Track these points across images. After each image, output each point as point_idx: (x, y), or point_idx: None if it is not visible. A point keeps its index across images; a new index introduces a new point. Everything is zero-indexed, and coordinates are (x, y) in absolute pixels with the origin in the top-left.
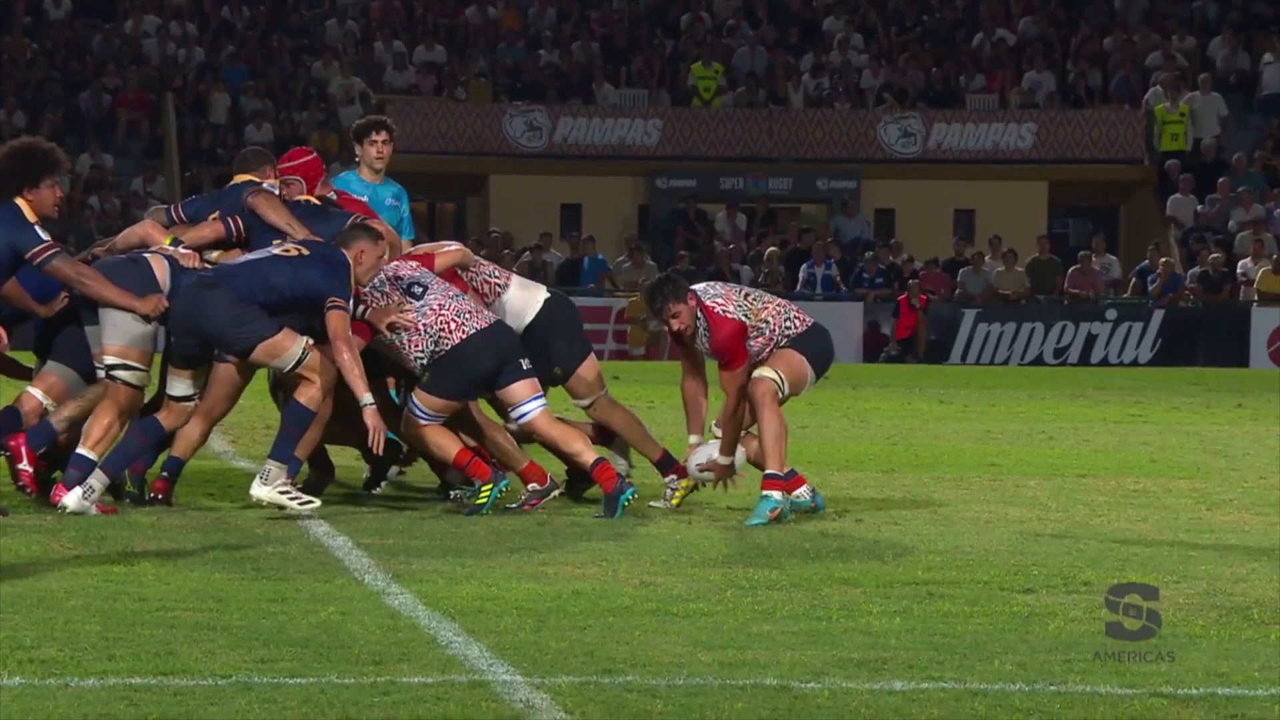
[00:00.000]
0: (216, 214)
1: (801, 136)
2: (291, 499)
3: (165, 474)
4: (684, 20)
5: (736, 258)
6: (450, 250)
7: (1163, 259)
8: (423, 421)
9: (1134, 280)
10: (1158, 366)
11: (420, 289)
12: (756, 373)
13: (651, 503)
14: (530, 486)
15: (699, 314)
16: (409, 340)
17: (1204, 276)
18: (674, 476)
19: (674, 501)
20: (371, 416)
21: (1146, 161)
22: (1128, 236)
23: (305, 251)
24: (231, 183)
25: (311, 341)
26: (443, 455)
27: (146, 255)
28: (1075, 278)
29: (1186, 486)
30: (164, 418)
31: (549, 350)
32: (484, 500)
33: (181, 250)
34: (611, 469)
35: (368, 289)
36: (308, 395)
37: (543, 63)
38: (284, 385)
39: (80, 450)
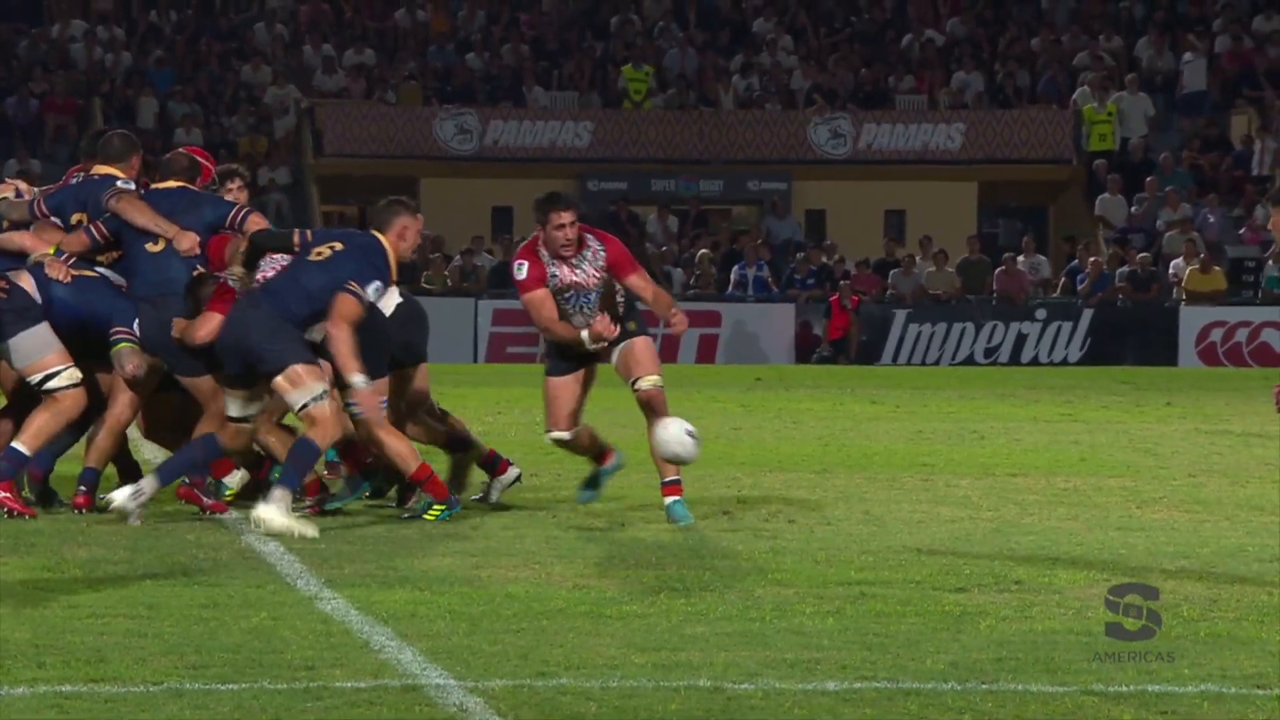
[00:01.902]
0: (79, 217)
1: (732, 138)
2: (291, 523)
3: (83, 488)
4: (614, 22)
5: (669, 259)
6: None
7: (1091, 258)
8: (359, 415)
9: (1063, 280)
10: (1087, 365)
11: None
12: (648, 382)
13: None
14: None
15: (585, 235)
16: None
17: (1132, 276)
18: (505, 475)
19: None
20: (364, 397)
21: (1075, 161)
22: (1057, 236)
23: (339, 246)
24: (92, 174)
25: (334, 388)
26: (403, 465)
27: (10, 274)
28: (1001, 279)
29: (1116, 485)
30: (223, 436)
31: (388, 342)
32: (432, 517)
33: (50, 259)
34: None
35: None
36: (319, 434)
37: (473, 65)
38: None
39: (14, 444)
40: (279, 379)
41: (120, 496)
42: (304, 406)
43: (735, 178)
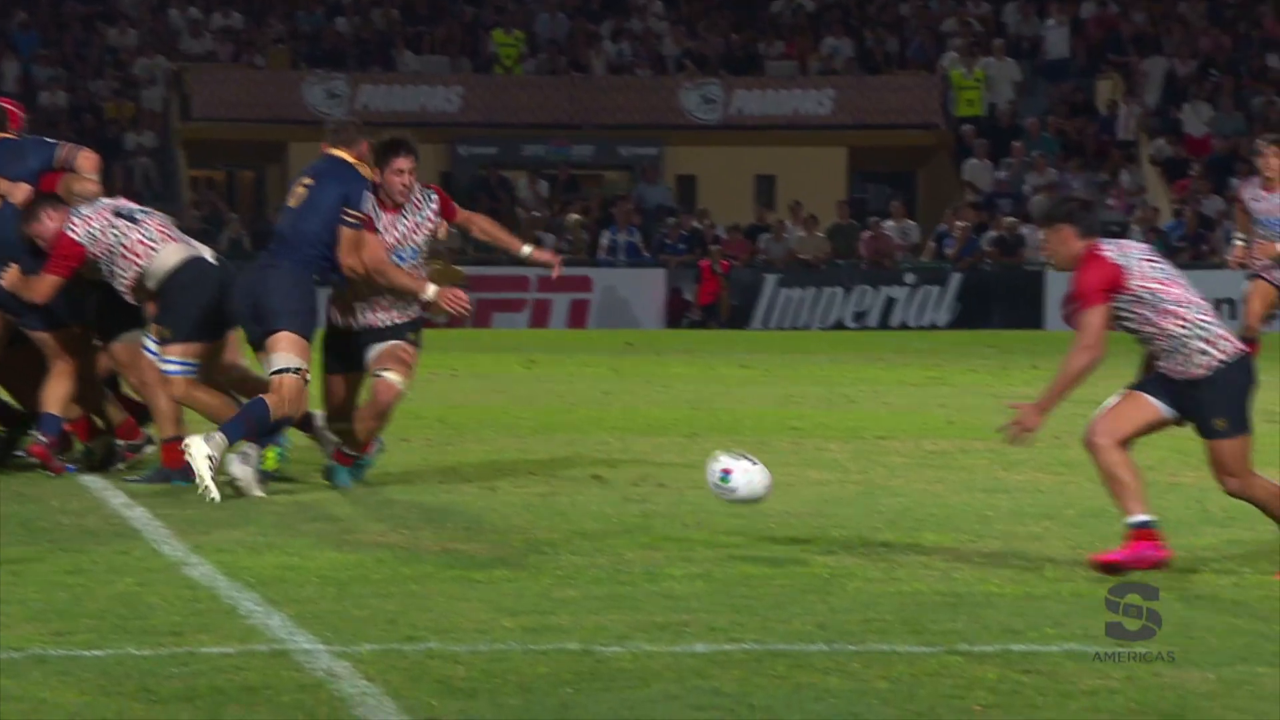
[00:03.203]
0: None
1: (603, 103)
2: (210, 471)
3: None
4: None
5: (540, 225)
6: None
7: (959, 223)
8: (175, 374)
9: (932, 244)
10: (955, 329)
11: (142, 214)
12: (395, 376)
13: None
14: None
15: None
16: (119, 262)
17: (1000, 240)
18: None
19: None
20: (443, 297)
21: (943, 126)
22: (926, 201)
23: (310, 181)
24: None
25: (306, 370)
26: (214, 417)
27: None
28: (869, 243)
29: (983, 447)
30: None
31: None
32: (271, 466)
33: None
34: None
35: (84, 216)
36: (275, 401)
37: (342, 29)
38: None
39: None
40: (279, 339)
41: (234, 469)
42: (275, 373)
43: (606, 143)
